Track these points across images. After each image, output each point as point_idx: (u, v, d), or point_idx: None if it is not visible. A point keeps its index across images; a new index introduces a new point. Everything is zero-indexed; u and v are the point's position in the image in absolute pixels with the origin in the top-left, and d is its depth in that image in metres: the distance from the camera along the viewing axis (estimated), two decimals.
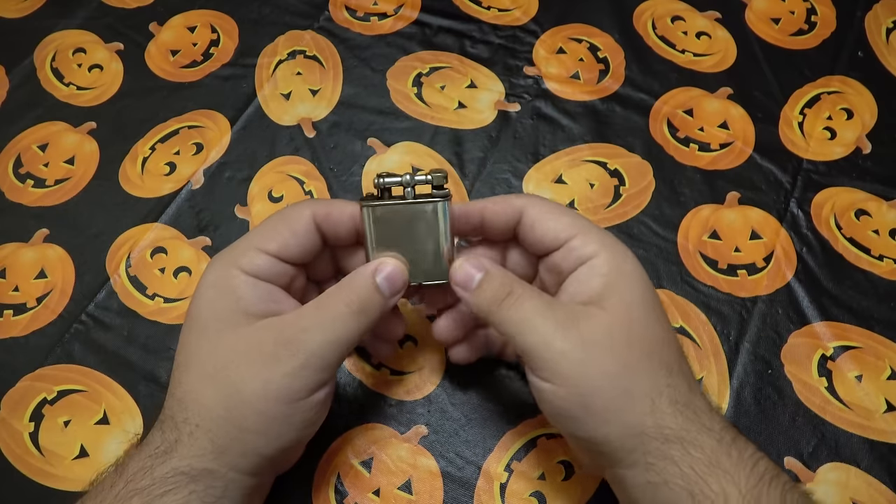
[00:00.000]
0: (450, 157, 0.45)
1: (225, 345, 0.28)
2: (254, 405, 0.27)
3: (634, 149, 0.45)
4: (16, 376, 0.38)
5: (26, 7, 0.53)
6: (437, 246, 0.31)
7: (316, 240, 0.31)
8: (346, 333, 0.28)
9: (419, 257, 0.31)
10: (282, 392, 0.27)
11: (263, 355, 0.28)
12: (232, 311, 0.29)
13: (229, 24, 0.52)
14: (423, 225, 0.31)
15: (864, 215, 0.43)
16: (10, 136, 0.47)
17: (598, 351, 0.27)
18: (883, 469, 0.35)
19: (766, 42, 0.50)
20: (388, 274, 0.30)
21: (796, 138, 0.46)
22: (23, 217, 0.44)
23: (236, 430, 0.27)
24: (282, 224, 0.31)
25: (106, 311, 0.40)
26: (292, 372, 0.27)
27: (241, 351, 0.28)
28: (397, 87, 0.48)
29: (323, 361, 0.28)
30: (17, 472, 0.36)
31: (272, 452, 0.28)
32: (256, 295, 0.29)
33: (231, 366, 0.28)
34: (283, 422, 0.28)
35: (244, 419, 0.27)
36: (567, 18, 0.51)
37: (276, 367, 0.27)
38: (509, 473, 0.35)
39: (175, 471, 0.26)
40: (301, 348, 0.28)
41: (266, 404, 0.27)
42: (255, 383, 0.27)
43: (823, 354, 0.38)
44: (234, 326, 0.28)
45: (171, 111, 0.48)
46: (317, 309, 0.29)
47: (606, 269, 0.29)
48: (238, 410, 0.27)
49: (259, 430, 0.27)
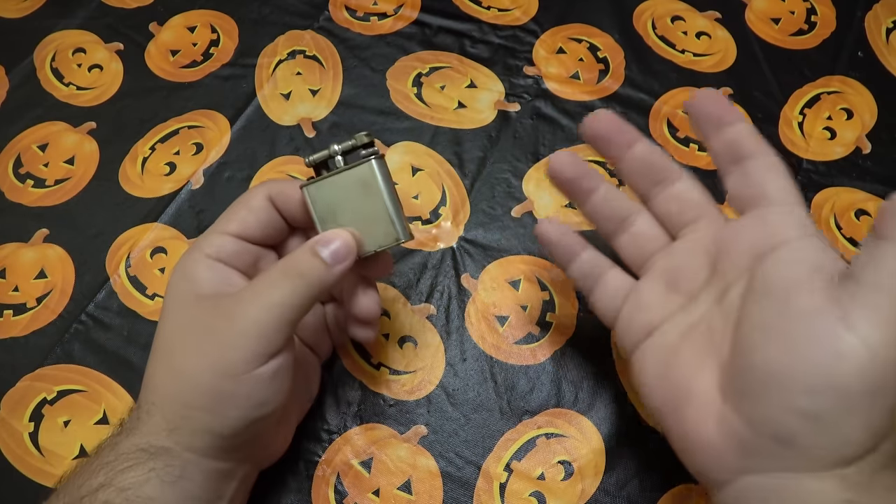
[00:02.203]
0: (450, 157, 0.45)
1: (173, 324, 0.29)
2: (195, 380, 0.27)
3: None
4: (16, 376, 0.38)
5: (26, 7, 0.53)
6: (382, 207, 0.30)
7: (274, 217, 0.32)
8: (282, 298, 0.28)
9: (369, 224, 0.31)
10: (219, 365, 0.27)
11: (200, 328, 0.28)
12: (185, 294, 0.29)
13: (229, 24, 0.52)
14: (362, 190, 0.30)
15: (864, 215, 0.43)
16: (9, 136, 0.47)
17: None
18: None
19: (766, 42, 0.50)
20: (327, 241, 0.29)
21: (796, 138, 0.46)
22: (23, 217, 0.44)
23: (182, 407, 0.28)
24: (239, 205, 0.31)
25: (106, 311, 0.40)
26: (227, 342, 0.27)
27: (184, 328, 0.28)
28: (397, 87, 0.48)
29: (260, 329, 0.27)
30: (16, 472, 0.36)
31: (222, 431, 0.28)
32: (211, 277, 0.29)
33: (176, 343, 0.28)
34: (227, 398, 0.27)
35: (188, 396, 0.28)
36: (567, 18, 0.51)
37: (212, 339, 0.27)
38: (509, 473, 0.36)
39: (135, 447, 0.27)
40: (235, 318, 0.28)
41: (206, 379, 0.27)
42: (194, 358, 0.28)
43: None
44: (185, 308, 0.29)
45: (171, 111, 0.48)
46: (253, 283, 0.29)
47: None
48: (182, 386, 0.28)
49: (204, 407, 0.27)
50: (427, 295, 0.41)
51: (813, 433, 0.22)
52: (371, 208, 0.30)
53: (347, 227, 0.30)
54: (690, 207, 0.30)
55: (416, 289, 0.41)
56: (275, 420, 0.30)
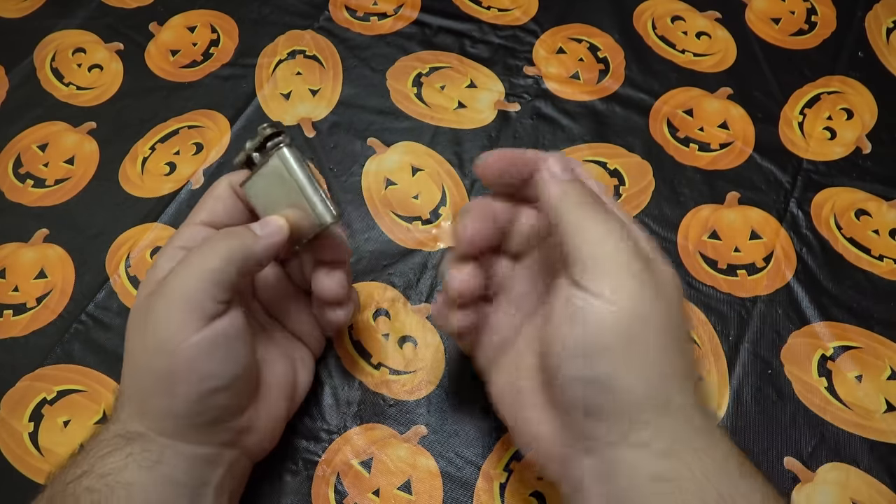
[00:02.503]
0: (450, 157, 0.45)
1: (131, 317, 0.29)
2: (139, 364, 0.28)
3: (634, 149, 0.45)
4: (15, 376, 0.38)
5: (26, 7, 0.53)
6: (301, 195, 0.30)
7: (238, 205, 0.33)
8: (207, 262, 0.28)
9: (301, 213, 0.31)
10: (154, 343, 0.27)
11: (142, 311, 0.28)
12: (148, 283, 0.30)
13: (229, 24, 0.52)
14: (281, 181, 0.31)
15: (864, 215, 0.43)
16: (9, 136, 0.47)
17: (664, 290, 0.26)
18: (883, 469, 0.35)
19: (766, 42, 0.50)
20: (262, 222, 0.31)
21: (796, 138, 0.46)
22: (23, 217, 0.44)
23: (139, 392, 0.28)
24: (206, 195, 0.33)
25: (106, 311, 0.40)
26: (158, 317, 0.27)
27: (132, 314, 0.29)
28: (397, 87, 0.48)
29: (186, 296, 0.27)
30: (16, 472, 0.36)
31: (178, 410, 0.27)
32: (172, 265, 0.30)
33: (130, 334, 0.29)
34: (170, 375, 0.27)
35: (140, 380, 0.28)
36: (567, 18, 0.51)
37: (147, 319, 0.28)
38: (509, 473, 0.35)
39: (114, 433, 0.27)
40: (164, 291, 0.28)
41: (146, 360, 0.28)
42: (135, 341, 0.28)
43: (823, 354, 0.38)
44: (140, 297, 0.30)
45: (170, 111, 0.48)
46: (188, 254, 0.29)
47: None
48: (133, 372, 0.28)
49: (154, 389, 0.28)
50: (427, 295, 0.41)
51: (597, 395, 0.25)
52: (295, 197, 0.31)
53: (283, 214, 0.31)
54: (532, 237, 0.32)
55: (416, 289, 0.41)
56: (243, 396, 0.30)
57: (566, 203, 0.27)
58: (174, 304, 0.27)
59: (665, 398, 0.25)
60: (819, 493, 0.35)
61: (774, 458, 0.36)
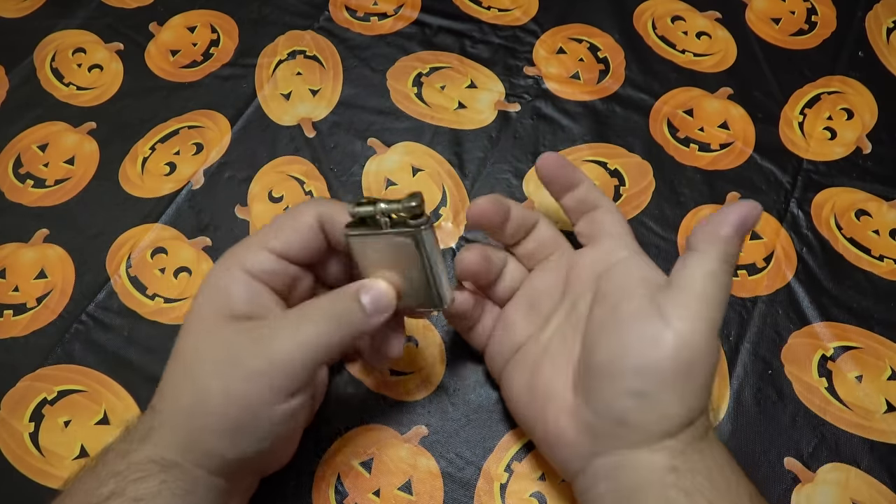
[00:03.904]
0: (450, 157, 0.45)
1: (202, 342, 0.28)
2: (215, 408, 0.27)
3: (634, 149, 0.45)
4: (16, 376, 0.38)
5: (26, 7, 0.53)
6: (424, 276, 0.30)
7: (320, 240, 0.31)
8: (316, 338, 0.28)
9: (411, 285, 0.30)
10: (242, 396, 0.27)
11: (228, 357, 0.27)
12: (217, 309, 0.29)
13: (229, 24, 0.52)
14: (404, 254, 0.29)
15: (865, 215, 0.43)
16: (10, 136, 0.47)
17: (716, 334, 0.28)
18: (883, 469, 0.35)
19: (767, 42, 0.50)
20: (374, 293, 0.30)
21: (796, 138, 0.46)
22: (23, 217, 0.44)
23: (198, 430, 0.27)
24: (287, 222, 0.31)
25: (106, 311, 0.40)
26: (251, 376, 0.27)
27: (212, 349, 0.28)
28: (397, 87, 0.48)
29: (288, 368, 0.27)
30: (16, 472, 0.36)
31: (236, 457, 0.28)
32: (247, 298, 0.29)
33: (201, 364, 0.28)
34: (246, 429, 0.27)
35: (205, 420, 0.27)
36: (567, 18, 0.51)
37: (237, 370, 0.27)
38: (509, 474, 0.35)
39: (148, 458, 0.27)
40: (264, 352, 0.27)
41: (227, 408, 0.27)
42: (217, 384, 0.27)
43: (823, 355, 0.38)
44: (215, 325, 0.28)
45: (171, 111, 0.48)
46: (292, 314, 0.29)
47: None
48: (201, 410, 0.27)
49: (221, 434, 0.27)
50: None
51: (641, 411, 0.27)
52: (414, 273, 0.30)
53: (391, 281, 0.30)
54: (546, 245, 0.35)
55: None
56: (290, 447, 0.31)
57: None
58: (274, 370, 0.27)
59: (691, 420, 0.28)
60: (819, 493, 0.35)
61: (775, 458, 0.36)
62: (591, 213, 0.35)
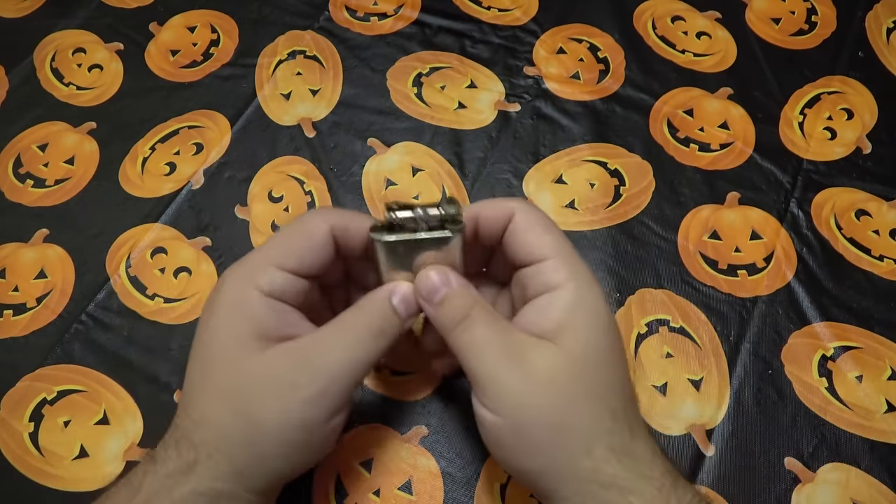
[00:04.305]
0: (450, 157, 0.45)
1: (242, 370, 0.27)
2: (274, 434, 0.27)
3: (634, 149, 0.45)
4: (16, 376, 0.38)
5: (26, 7, 0.53)
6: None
7: (332, 252, 0.30)
8: (366, 356, 0.28)
9: None
10: (301, 420, 0.27)
11: (282, 383, 0.27)
12: (249, 334, 0.28)
13: (229, 24, 0.52)
14: (436, 254, 0.30)
15: (865, 215, 0.43)
16: (10, 136, 0.47)
17: (538, 388, 0.27)
18: (883, 469, 0.35)
19: (767, 42, 0.50)
20: (403, 296, 0.30)
21: (796, 138, 0.46)
22: (23, 217, 0.44)
23: (257, 456, 0.27)
24: (299, 237, 0.29)
25: (106, 311, 0.40)
26: (310, 399, 0.27)
27: (260, 377, 0.27)
28: (397, 87, 0.48)
29: (341, 387, 0.28)
30: (16, 472, 0.36)
31: (291, 474, 0.29)
32: (274, 317, 0.28)
33: (250, 392, 0.27)
34: (302, 448, 0.28)
35: (265, 446, 0.27)
36: (567, 18, 0.51)
37: (294, 395, 0.27)
38: (510, 474, 0.35)
39: (195, 492, 0.26)
40: (320, 374, 0.27)
41: (286, 433, 0.27)
42: (274, 413, 0.27)
43: (824, 355, 0.38)
44: (252, 351, 0.27)
45: (171, 111, 0.48)
46: (335, 332, 0.28)
47: (569, 303, 0.28)
48: (258, 438, 0.27)
49: (280, 456, 0.27)
50: None
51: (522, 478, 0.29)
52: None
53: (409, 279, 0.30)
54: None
55: None
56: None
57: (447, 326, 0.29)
58: (329, 390, 0.27)
59: (574, 471, 0.27)
60: (819, 493, 0.35)
61: (775, 458, 0.36)
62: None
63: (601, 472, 0.26)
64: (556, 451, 0.26)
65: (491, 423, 0.27)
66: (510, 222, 0.30)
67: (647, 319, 0.39)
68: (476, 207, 0.31)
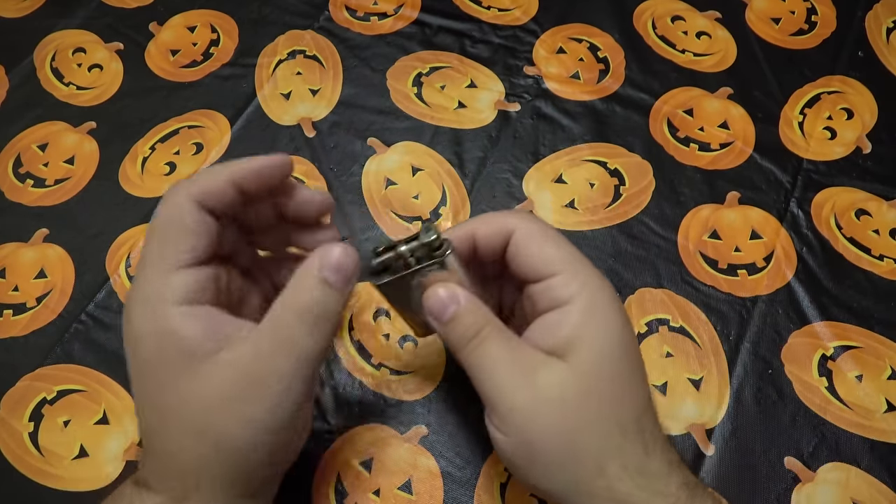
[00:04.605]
0: (450, 156, 0.45)
1: (192, 394, 0.26)
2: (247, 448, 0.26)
3: (634, 148, 0.45)
4: (15, 376, 0.38)
5: (26, 7, 0.53)
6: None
7: (213, 224, 0.28)
8: (314, 347, 0.26)
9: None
10: (269, 426, 0.26)
11: (238, 399, 0.26)
12: (181, 356, 0.26)
13: (229, 24, 0.52)
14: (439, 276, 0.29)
15: (865, 215, 0.43)
16: (9, 136, 0.47)
17: (547, 406, 0.26)
18: (883, 469, 0.35)
19: (767, 42, 0.50)
20: (332, 264, 0.26)
21: (796, 138, 0.46)
22: (22, 217, 0.44)
23: (239, 472, 0.26)
24: (173, 228, 0.27)
25: (106, 310, 0.40)
26: (273, 407, 0.26)
27: (213, 398, 0.26)
28: (397, 87, 0.48)
29: (299, 383, 0.26)
30: (16, 472, 0.36)
31: (276, 473, 0.29)
32: (198, 329, 0.26)
33: (210, 416, 0.26)
34: (279, 447, 0.27)
35: (244, 461, 0.26)
36: (567, 18, 0.51)
37: (256, 407, 0.26)
38: (510, 473, 0.35)
39: None
40: (272, 384, 0.26)
41: (258, 441, 0.26)
42: (240, 429, 0.26)
43: (824, 354, 0.38)
44: (192, 372, 0.26)
45: (171, 111, 0.48)
46: (272, 333, 0.26)
47: (579, 318, 0.27)
48: (235, 456, 0.26)
49: (261, 463, 0.27)
50: None
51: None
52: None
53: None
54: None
55: None
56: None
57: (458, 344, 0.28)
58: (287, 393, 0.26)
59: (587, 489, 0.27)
60: (819, 492, 0.35)
61: (775, 457, 0.36)
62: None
63: (615, 490, 0.26)
64: (568, 472, 0.26)
65: (503, 443, 0.27)
66: (510, 238, 0.30)
67: (646, 319, 0.39)
68: (472, 224, 0.30)
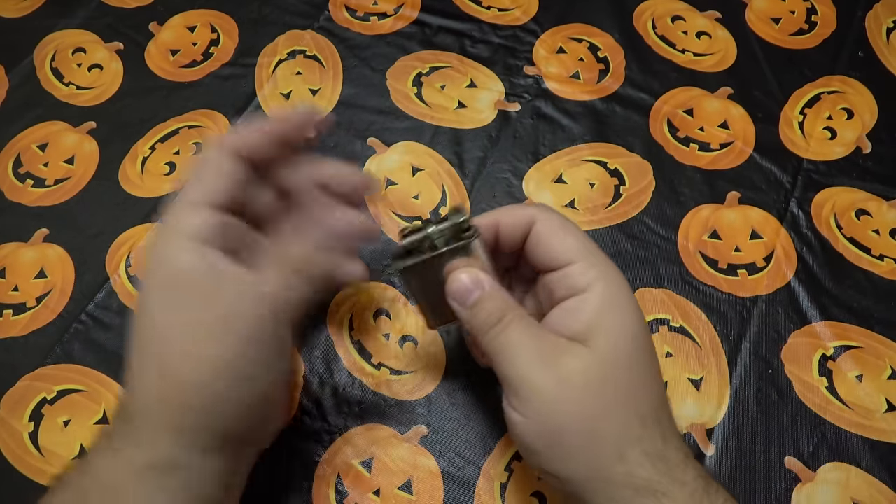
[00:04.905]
0: (450, 156, 0.45)
1: (162, 324, 0.27)
2: (191, 387, 0.26)
3: (634, 148, 0.45)
4: (15, 376, 0.38)
5: (26, 7, 0.53)
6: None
7: (241, 175, 0.30)
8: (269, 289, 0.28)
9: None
10: (217, 367, 0.26)
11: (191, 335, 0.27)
12: (171, 285, 0.27)
13: (229, 24, 0.52)
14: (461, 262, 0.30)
15: (865, 215, 0.43)
16: (9, 136, 0.47)
17: (571, 391, 0.27)
18: (883, 469, 0.35)
19: (767, 42, 0.50)
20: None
21: (796, 138, 0.46)
22: (22, 217, 0.44)
23: (185, 415, 0.27)
24: (205, 169, 0.29)
25: (106, 310, 0.40)
26: (225, 349, 0.27)
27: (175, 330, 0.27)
28: (397, 87, 0.48)
29: (255, 326, 0.27)
30: (16, 472, 0.36)
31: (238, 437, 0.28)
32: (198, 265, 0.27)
33: (165, 347, 0.27)
34: (234, 403, 0.27)
35: (188, 403, 0.26)
36: (567, 18, 0.51)
37: (207, 345, 0.26)
38: (509, 473, 0.35)
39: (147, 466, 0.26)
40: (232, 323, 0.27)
41: (202, 382, 0.26)
42: (185, 364, 0.26)
43: (824, 354, 0.38)
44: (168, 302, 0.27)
45: (170, 111, 0.48)
46: (238, 276, 0.28)
47: (598, 305, 0.28)
48: (178, 393, 0.26)
49: (206, 411, 0.27)
50: None
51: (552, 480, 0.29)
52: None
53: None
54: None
55: None
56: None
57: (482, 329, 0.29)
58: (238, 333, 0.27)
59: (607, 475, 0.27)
60: (820, 492, 0.35)
61: (775, 457, 0.36)
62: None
63: (635, 475, 0.26)
64: (589, 457, 0.26)
65: (522, 427, 0.27)
66: (531, 228, 0.30)
67: (647, 319, 0.39)
68: (496, 214, 0.31)
